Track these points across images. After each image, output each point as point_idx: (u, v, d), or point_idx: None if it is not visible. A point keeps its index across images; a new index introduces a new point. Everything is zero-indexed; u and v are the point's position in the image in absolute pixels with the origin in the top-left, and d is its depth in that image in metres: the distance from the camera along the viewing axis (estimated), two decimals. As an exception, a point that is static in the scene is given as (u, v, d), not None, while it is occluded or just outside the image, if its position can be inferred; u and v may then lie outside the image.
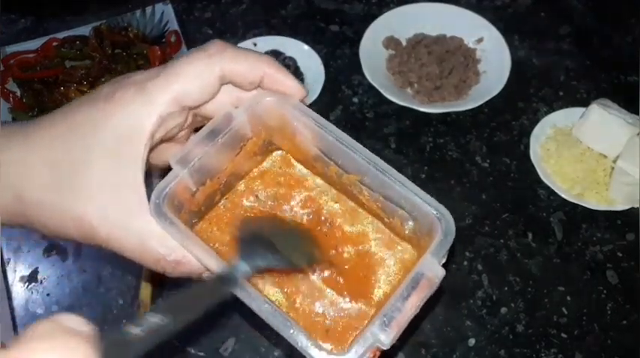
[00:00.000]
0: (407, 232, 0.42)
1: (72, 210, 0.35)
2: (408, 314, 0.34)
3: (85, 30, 0.86)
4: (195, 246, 0.36)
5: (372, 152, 0.86)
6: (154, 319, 0.27)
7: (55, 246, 0.71)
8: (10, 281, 0.69)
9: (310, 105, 0.88)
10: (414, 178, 0.77)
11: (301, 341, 0.33)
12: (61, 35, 0.86)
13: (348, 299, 0.41)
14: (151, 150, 0.38)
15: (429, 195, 0.38)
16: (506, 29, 0.88)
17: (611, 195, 0.74)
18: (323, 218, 0.44)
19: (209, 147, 0.39)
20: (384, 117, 0.82)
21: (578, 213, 0.74)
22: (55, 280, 0.70)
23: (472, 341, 0.65)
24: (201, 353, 0.63)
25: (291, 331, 0.33)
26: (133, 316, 0.64)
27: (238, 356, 0.63)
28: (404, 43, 0.89)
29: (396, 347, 0.64)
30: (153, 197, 0.36)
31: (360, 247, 0.43)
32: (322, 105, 0.83)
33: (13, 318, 0.67)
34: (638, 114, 0.76)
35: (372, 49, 0.87)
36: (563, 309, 0.67)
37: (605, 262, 0.71)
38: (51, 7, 0.93)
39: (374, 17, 0.89)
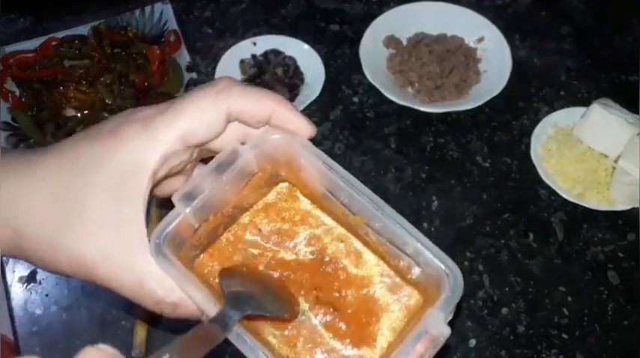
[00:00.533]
0: (413, 277, 0.40)
1: (69, 247, 0.34)
2: None
3: (84, 29, 0.86)
4: (194, 288, 0.35)
5: (372, 152, 0.86)
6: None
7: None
8: (9, 282, 0.69)
9: (310, 105, 0.89)
10: (414, 178, 0.77)
11: None
12: (60, 35, 0.85)
13: (350, 346, 0.39)
14: (155, 186, 0.37)
15: (437, 247, 0.37)
16: (507, 29, 0.88)
17: (612, 195, 0.73)
18: (327, 258, 0.42)
19: (214, 184, 0.37)
20: (384, 116, 0.82)
21: (579, 213, 0.74)
22: (53, 280, 0.69)
23: (473, 342, 0.65)
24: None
25: None
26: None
27: (239, 356, 0.63)
28: (404, 43, 0.89)
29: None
30: (154, 237, 0.35)
31: (364, 291, 0.41)
32: (322, 105, 0.83)
33: (12, 318, 0.67)
34: (638, 113, 0.76)
35: (373, 49, 0.86)
36: (564, 310, 0.67)
37: (606, 262, 0.70)
38: (50, 7, 0.93)
39: (374, 16, 0.89)
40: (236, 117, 0.37)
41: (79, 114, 0.80)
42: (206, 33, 0.91)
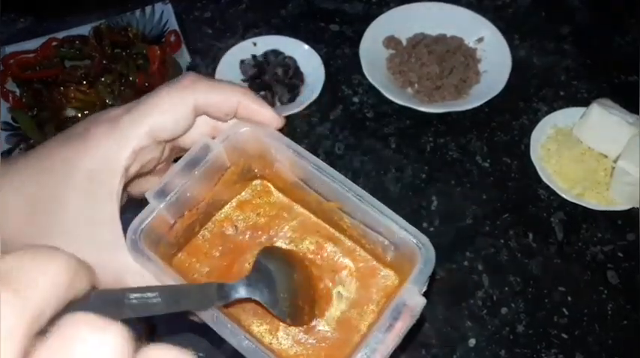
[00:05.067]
0: (389, 259, 0.41)
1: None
2: (390, 345, 0.34)
3: (84, 30, 0.86)
4: (172, 281, 0.35)
5: (372, 152, 0.86)
6: (150, 294, 0.27)
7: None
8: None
9: (310, 105, 0.89)
10: (414, 178, 0.77)
11: None
12: (60, 35, 0.85)
13: (330, 330, 0.40)
14: (129, 183, 0.37)
15: (407, 223, 0.38)
16: (507, 29, 0.88)
17: (611, 195, 0.73)
18: (305, 248, 0.43)
19: (186, 179, 0.38)
20: (384, 117, 0.82)
21: (579, 213, 0.74)
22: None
23: (472, 342, 0.65)
24: (201, 354, 0.63)
25: None
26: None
27: (238, 356, 0.63)
28: (404, 43, 0.89)
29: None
30: (129, 233, 0.35)
31: (343, 274, 0.42)
32: (322, 105, 0.83)
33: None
34: (638, 113, 0.76)
35: (373, 49, 0.86)
36: (564, 309, 0.67)
37: (605, 262, 0.70)
38: (50, 7, 0.93)
39: (374, 17, 0.89)
40: (204, 111, 0.38)
41: (79, 115, 0.80)
42: (206, 33, 0.91)
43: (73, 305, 0.19)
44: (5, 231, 0.35)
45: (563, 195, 0.74)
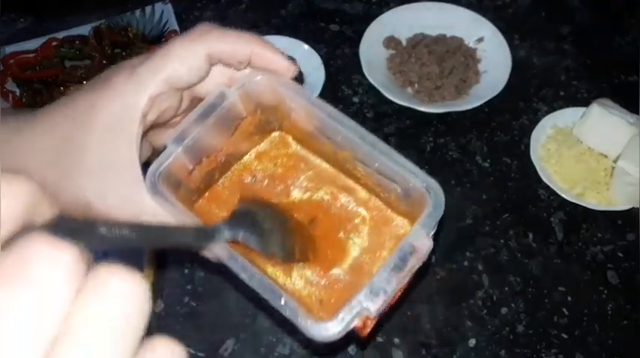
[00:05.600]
0: (402, 207, 0.42)
1: (68, 190, 0.36)
2: (394, 284, 0.34)
3: (84, 30, 0.86)
4: (189, 220, 0.36)
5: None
6: (124, 231, 0.27)
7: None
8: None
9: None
10: (414, 178, 0.77)
11: (290, 310, 0.33)
12: (60, 35, 0.85)
13: (342, 273, 0.42)
14: (149, 132, 0.40)
15: (417, 167, 0.38)
16: (507, 29, 0.88)
17: (611, 195, 0.73)
18: (321, 198, 0.44)
19: (202, 125, 0.39)
20: (384, 117, 0.82)
21: (579, 213, 0.74)
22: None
23: (472, 342, 0.65)
24: (201, 354, 0.63)
25: (282, 302, 0.34)
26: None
27: (238, 356, 0.63)
28: (404, 43, 0.89)
29: (395, 345, 0.64)
30: (148, 175, 0.37)
31: (357, 223, 0.44)
32: (322, 105, 0.83)
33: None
34: (638, 113, 0.76)
35: (372, 49, 0.86)
36: (564, 310, 0.67)
37: (605, 262, 0.70)
38: (50, 7, 0.93)
39: (374, 17, 0.89)
40: (218, 59, 0.39)
41: (79, 115, 0.80)
42: (206, 33, 0.91)
43: (35, 229, 0.18)
44: (31, 169, 0.37)
45: (563, 195, 0.74)
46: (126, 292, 0.18)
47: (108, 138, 0.37)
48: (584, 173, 0.75)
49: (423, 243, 0.35)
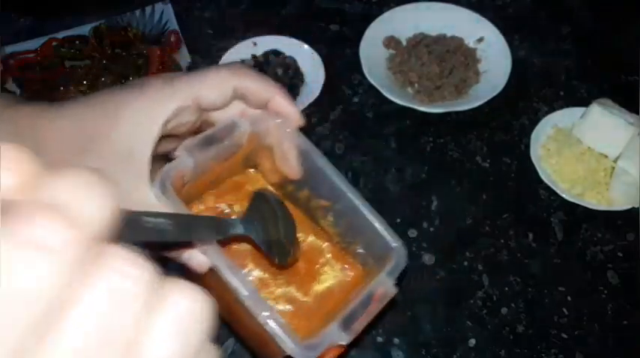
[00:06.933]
0: (360, 259, 0.49)
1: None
2: (365, 320, 0.40)
3: (84, 30, 0.86)
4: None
5: (373, 152, 0.86)
6: (163, 220, 0.29)
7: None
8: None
9: (310, 106, 0.89)
10: (414, 178, 0.77)
11: (273, 328, 0.37)
12: (60, 35, 0.85)
13: (307, 298, 0.47)
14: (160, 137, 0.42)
15: (387, 225, 0.45)
16: (507, 29, 0.88)
17: (611, 195, 0.73)
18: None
19: (213, 146, 0.42)
20: (384, 117, 0.82)
21: (579, 213, 0.74)
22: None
23: (472, 342, 0.65)
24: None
25: (266, 314, 0.37)
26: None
27: (238, 356, 0.63)
28: (404, 43, 0.89)
29: (395, 345, 0.64)
30: (162, 174, 0.40)
31: (318, 267, 0.49)
32: (322, 106, 0.83)
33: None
34: (638, 113, 0.76)
35: (372, 49, 0.86)
36: (564, 310, 0.67)
37: (605, 262, 0.70)
38: (50, 7, 0.93)
39: (374, 17, 0.89)
40: (242, 94, 0.43)
41: (79, 115, 0.80)
42: (206, 33, 0.91)
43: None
44: (55, 151, 0.40)
45: (563, 195, 0.74)
46: (197, 312, 0.18)
47: (130, 133, 0.39)
48: (584, 173, 0.75)
49: (390, 288, 0.42)
